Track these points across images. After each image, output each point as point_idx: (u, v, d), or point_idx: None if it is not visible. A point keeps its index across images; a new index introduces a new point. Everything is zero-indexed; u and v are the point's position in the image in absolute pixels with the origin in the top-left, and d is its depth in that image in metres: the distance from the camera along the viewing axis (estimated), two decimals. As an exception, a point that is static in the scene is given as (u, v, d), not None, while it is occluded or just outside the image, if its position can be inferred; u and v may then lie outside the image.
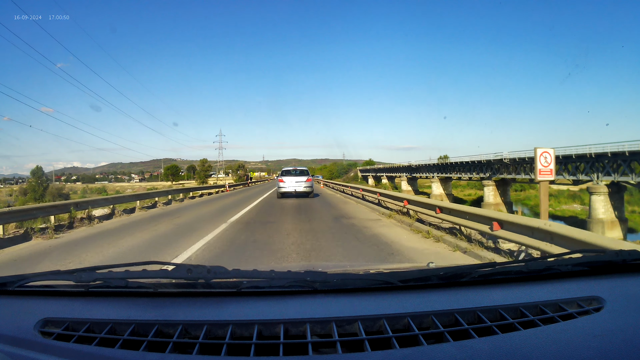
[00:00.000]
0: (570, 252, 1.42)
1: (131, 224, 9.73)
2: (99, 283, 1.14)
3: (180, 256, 5.50)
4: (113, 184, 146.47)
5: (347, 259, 5.44)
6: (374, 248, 6.14)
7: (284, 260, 5.26)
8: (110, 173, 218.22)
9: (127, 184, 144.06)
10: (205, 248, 6.07)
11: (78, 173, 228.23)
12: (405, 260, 5.40)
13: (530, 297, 1.08)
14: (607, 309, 1.00)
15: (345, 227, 8.53)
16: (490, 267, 1.23)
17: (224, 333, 0.94)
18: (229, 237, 7.10)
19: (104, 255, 5.80)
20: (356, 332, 0.95)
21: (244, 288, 1.13)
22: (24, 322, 1.01)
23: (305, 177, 17.89)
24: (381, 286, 1.17)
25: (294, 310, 1.05)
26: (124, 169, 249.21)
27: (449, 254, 5.82)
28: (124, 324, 0.98)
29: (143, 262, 1.24)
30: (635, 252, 1.27)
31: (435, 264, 1.52)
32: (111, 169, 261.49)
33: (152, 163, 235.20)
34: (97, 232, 8.41)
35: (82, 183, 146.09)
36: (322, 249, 6.02)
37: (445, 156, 66.48)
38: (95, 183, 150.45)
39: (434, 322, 0.96)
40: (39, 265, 5.40)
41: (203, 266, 1.12)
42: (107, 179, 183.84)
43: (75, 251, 6.23)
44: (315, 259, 5.36)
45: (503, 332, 0.91)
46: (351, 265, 2.69)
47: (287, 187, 17.61)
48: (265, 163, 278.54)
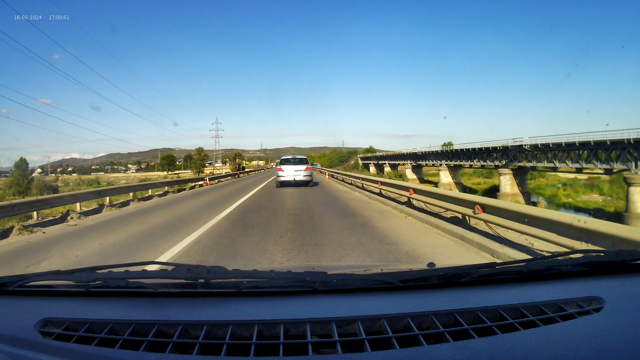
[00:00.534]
0: (570, 252, 1.42)
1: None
2: (99, 283, 1.14)
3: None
4: (109, 175, 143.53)
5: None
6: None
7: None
8: (107, 164, 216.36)
9: (122, 175, 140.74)
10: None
11: (76, 164, 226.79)
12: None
13: (530, 298, 1.08)
14: (607, 309, 1.00)
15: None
16: (490, 268, 1.23)
17: (224, 333, 0.94)
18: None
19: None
20: (356, 332, 0.95)
21: (244, 288, 1.13)
22: (24, 322, 1.01)
23: (305, 166, 17.62)
24: (381, 286, 1.17)
25: (294, 310, 1.05)
26: (122, 160, 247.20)
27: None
28: (124, 324, 0.99)
29: (143, 262, 1.24)
30: (635, 252, 1.28)
31: (435, 264, 1.52)
32: (109, 159, 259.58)
33: (151, 153, 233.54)
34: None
35: (77, 174, 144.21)
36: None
37: (449, 143, 62.45)
38: (91, 174, 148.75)
39: (434, 322, 0.96)
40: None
41: (203, 266, 1.13)
42: (103, 169, 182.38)
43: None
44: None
45: (503, 332, 0.91)
46: (351, 265, 2.69)
47: (287, 175, 17.36)
48: (263, 151, 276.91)
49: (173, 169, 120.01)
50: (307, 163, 18.04)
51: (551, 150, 37.53)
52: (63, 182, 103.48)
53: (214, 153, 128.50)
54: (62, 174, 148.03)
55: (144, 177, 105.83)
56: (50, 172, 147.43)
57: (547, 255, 1.40)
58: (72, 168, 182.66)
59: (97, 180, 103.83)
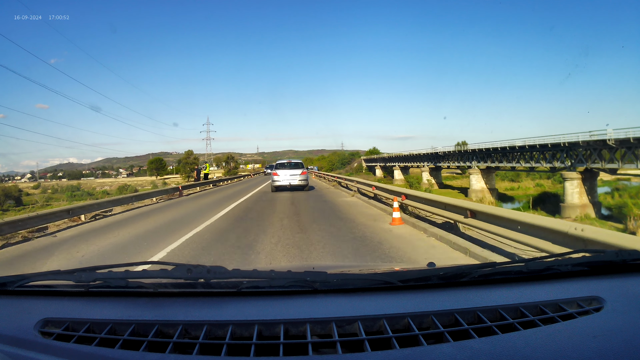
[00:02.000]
0: (570, 252, 1.42)
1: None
2: (99, 283, 1.14)
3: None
4: (97, 180, 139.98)
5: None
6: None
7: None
8: (99, 169, 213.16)
9: (110, 180, 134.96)
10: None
11: (73, 169, 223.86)
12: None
13: (530, 297, 1.08)
14: (607, 309, 1.00)
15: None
16: (490, 267, 1.24)
17: (224, 333, 0.94)
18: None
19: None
20: (356, 332, 0.95)
21: (244, 288, 1.13)
22: (24, 322, 1.02)
23: (300, 170, 17.33)
24: (381, 286, 1.17)
25: (294, 310, 1.05)
26: (119, 164, 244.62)
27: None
28: (124, 324, 0.99)
29: (143, 262, 1.23)
30: (635, 252, 1.28)
31: (435, 264, 1.52)
32: (107, 164, 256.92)
33: (147, 157, 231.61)
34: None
35: (67, 179, 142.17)
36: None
37: (463, 142, 54.09)
38: (81, 179, 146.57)
39: (434, 322, 0.96)
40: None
41: (203, 266, 1.12)
42: (94, 174, 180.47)
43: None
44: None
45: (503, 332, 0.92)
46: (351, 265, 2.67)
47: (282, 180, 17.05)
48: (261, 154, 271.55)
49: (162, 174, 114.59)
50: (302, 167, 17.77)
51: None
52: (43, 188, 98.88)
53: (209, 156, 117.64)
54: (51, 179, 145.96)
55: (134, 182, 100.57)
56: (39, 177, 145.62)
57: (547, 255, 1.41)
58: (62, 173, 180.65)
59: (78, 187, 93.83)
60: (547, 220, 4.30)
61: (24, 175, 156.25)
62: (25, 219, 8.61)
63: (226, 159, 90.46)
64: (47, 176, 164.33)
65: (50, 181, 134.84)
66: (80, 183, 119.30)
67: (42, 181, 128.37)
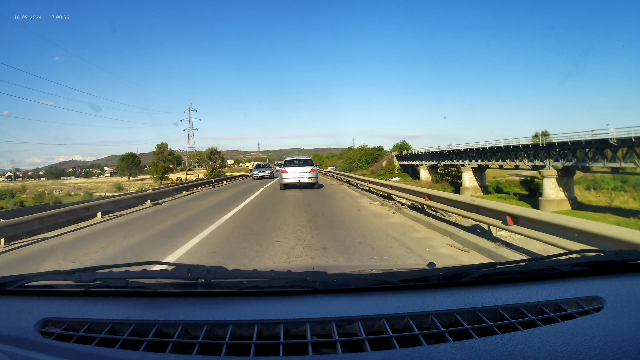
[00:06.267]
0: (570, 252, 1.42)
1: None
2: (99, 283, 1.14)
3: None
4: (74, 180, 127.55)
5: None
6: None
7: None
8: (95, 166, 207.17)
9: (90, 180, 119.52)
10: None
11: (77, 166, 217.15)
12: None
13: (530, 297, 1.09)
14: (607, 309, 1.00)
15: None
16: (490, 267, 1.24)
17: (224, 333, 0.94)
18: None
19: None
20: (356, 332, 0.95)
21: (244, 288, 1.13)
22: (24, 322, 1.02)
23: (310, 168, 16.73)
24: (381, 286, 1.17)
25: (294, 310, 1.05)
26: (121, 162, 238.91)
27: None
28: (124, 324, 0.98)
29: (143, 262, 1.23)
30: (635, 252, 1.28)
31: (435, 264, 1.53)
32: (109, 161, 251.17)
33: (149, 156, 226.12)
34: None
35: (46, 179, 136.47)
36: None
37: (545, 132, 42.44)
38: (61, 178, 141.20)
39: (434, 322, 0.96)
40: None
41: (203, 266, 1.12)
42: (76, 174, 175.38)
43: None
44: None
45: (503, 332, 0.92)
46: (351, 265, 2.67)
47: (291, 178, 16.48)
48: (266, 153, 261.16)
49: (136, 173, 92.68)
50: (312, 164, 17.15)
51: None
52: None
53: (192, 151, 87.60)
54: (30, 178, 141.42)
55: (114, 183, 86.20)
56: (20, 176, 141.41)
57: (547, 255, 1.43)
58: (43, 172, 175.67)
59: (44, 192, 79.36)
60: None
61: (4, 174, 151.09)
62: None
63: (209, 154, 65.90)
64: (29, 173, 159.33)
65: (29, 180, 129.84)
66: (46, 184, 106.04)
67: (27, 180, 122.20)
